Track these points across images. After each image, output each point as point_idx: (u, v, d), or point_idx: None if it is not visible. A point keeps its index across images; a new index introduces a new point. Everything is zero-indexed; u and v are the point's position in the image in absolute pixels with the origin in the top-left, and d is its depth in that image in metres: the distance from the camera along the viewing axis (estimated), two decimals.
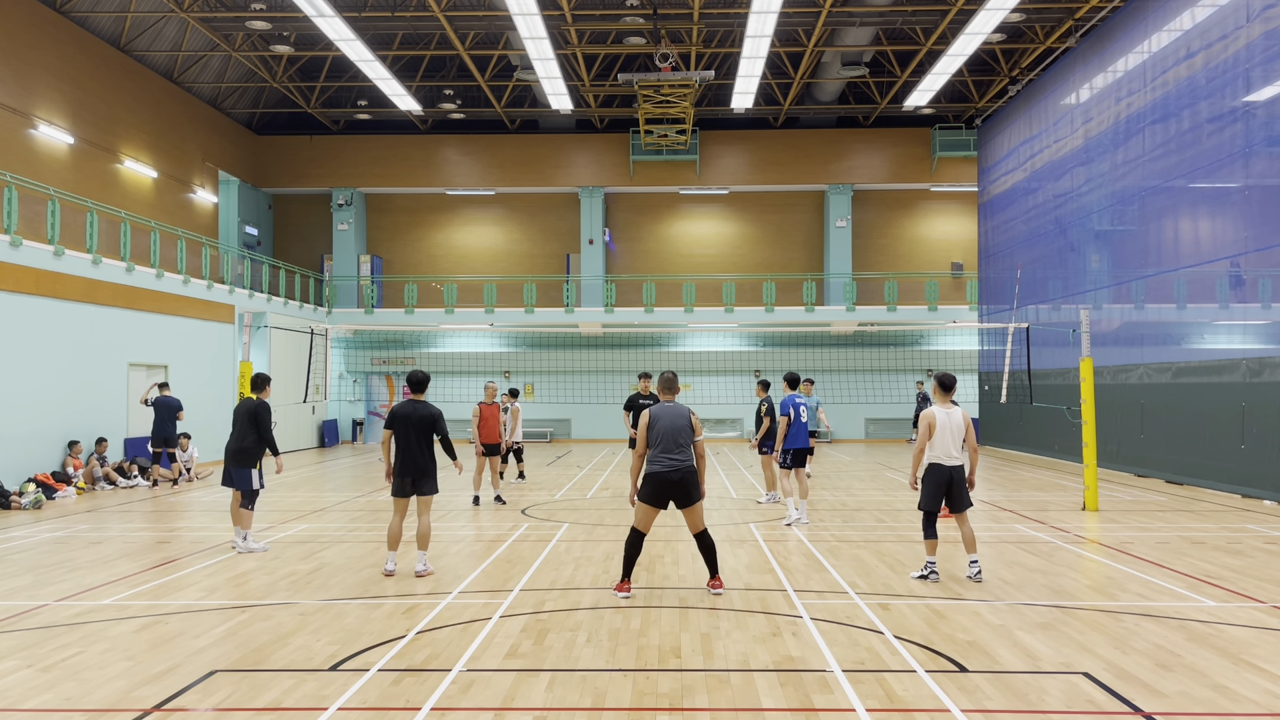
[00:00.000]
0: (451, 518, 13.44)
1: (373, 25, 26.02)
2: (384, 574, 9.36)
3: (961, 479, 9.04)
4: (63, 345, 18.20)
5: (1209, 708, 5.47)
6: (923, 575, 9.06)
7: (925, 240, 35.44)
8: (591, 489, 17.34)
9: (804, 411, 12.76)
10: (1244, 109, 15.74)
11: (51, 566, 9.96)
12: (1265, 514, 13.65)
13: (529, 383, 32.72)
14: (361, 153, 34.93)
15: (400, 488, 9.38)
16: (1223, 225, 16.73)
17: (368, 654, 6.58)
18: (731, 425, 33.86)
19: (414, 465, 9.36)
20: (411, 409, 9.42)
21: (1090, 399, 14.17)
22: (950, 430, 8.98)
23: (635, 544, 8.37)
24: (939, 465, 8.99)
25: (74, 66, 24.02)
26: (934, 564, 9.05)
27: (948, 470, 8.98)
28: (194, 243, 24.11)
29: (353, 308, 33.53)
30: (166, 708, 5.52)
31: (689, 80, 26.51)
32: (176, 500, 16.23)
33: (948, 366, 32.81)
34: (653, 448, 8.32)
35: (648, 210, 35.78)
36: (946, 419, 9.01)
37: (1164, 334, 18.99)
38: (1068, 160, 22.80)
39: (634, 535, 8.37)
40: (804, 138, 34.78)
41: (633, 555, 8.38)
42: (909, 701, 5.54)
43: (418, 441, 9.36)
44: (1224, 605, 7.94)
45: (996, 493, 16.74)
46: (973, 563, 8.97)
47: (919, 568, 9.47)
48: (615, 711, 5.41)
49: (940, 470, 8.99)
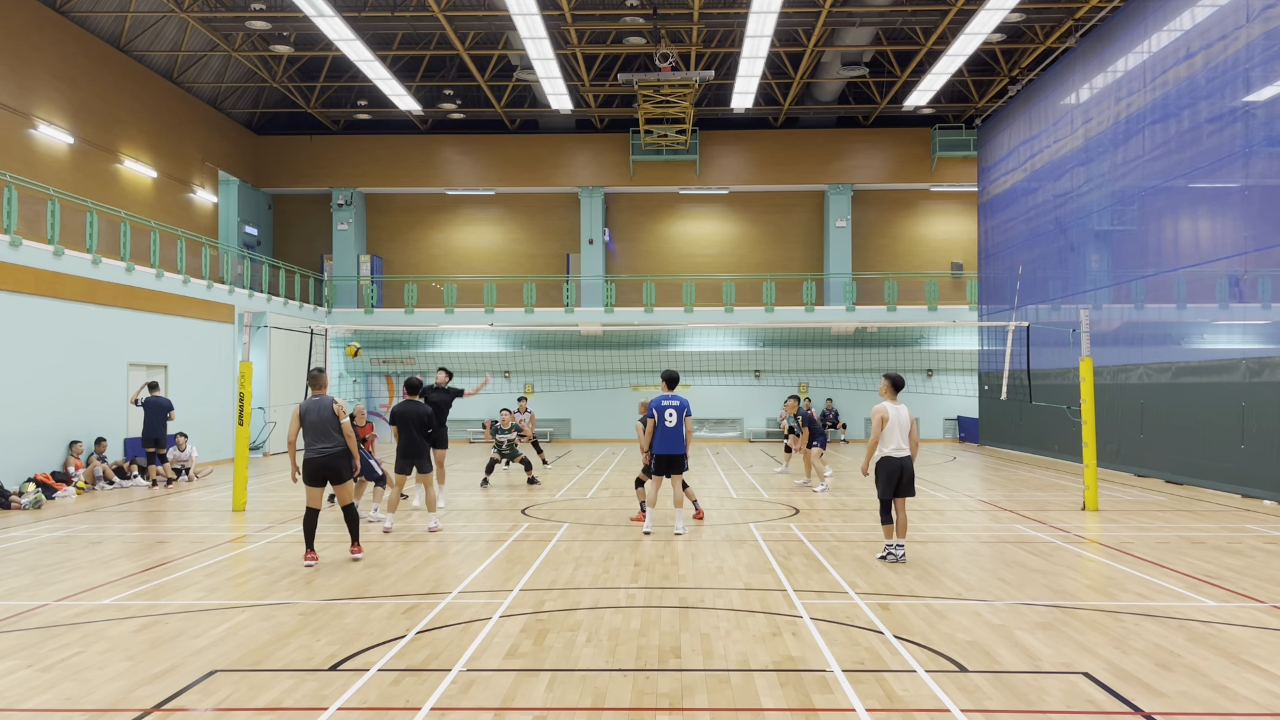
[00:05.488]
0: (452, 518, 13.44)
1: (373, 25, 26.02)
2: (383, 530, 11.82)
3: (910, 469, 9.83)
4: (62, 345, 18.20)
5: (1209, 708, 5.47)
6: (883, 556, 9.94)
7: (925, 240, 35.45)
8: (591, 489, 17.34)
9: (670, 416, 11.64)
10: (1244, 109, 15.74)
11: (51, 566, 9.95)
12: (1265, 514, 13.65)
13: (529, 382, 32.72)
14: (361, 153, 34.93)
15: (403, 468, 12.03)
16: (1223, 225, 16.73)
17: (368, 654, 6.57)
18: (731, 425, 33.86)
19: (415, 451, 11.95)
20: (410, 408, 11.98)
21: (1090, 399, 14.18)
22: (899, 425, 9.79)
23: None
24: (890, 458, 9.79)
25: (74, 66, 24.02)
26: (892, 545, 9.89)
27: (898, 462, 9.77)
28: (194, 243, 24.11)
29: (353, 308, 33.54)
30: (166, 708, 5.52)
31: (689, 80, 26.51)
32: (176, 500, 16.22)
33: (948, 366, 32.83)
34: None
35: (648, 210, 35.79)
36: (896, 415, 9.81)
37: (1164, 334, 18.99)
38: (1068, 160, 22.80)
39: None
40: (804, 138, 34.79)
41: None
42: (909, 701, 5.54)
43: (417, 433, 11.90)
44: (1224, 605, 7.94)
45: (996, 493, 16.73)
46: (899, 545, 9.91)
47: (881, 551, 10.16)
48: (615, 711, 5.41)
49: (891, 462, 9.78)
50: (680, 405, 11.75)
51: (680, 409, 11.73)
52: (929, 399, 31.67)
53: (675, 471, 11.75)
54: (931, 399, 31.74)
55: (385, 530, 11.93)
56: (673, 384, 12.02)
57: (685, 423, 11.77)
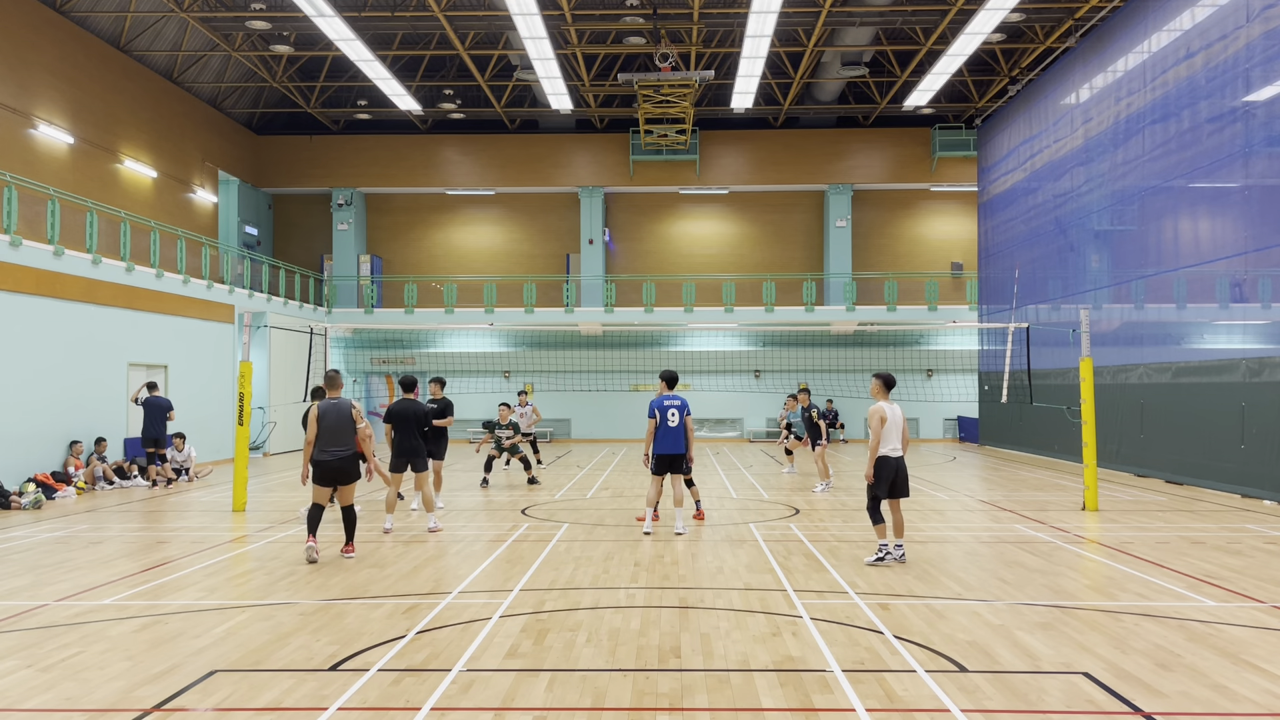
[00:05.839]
0: (451, 518, 13.45)
1: (373, 25, 26.02)
2: (383, 531, 11.79)
3: (905, 469, 9.75)
4: (62, 345, 18.20)
5: (1209, 708, 5.47)
6: (880, 559, 9.67)
7: (925, 240, 35.44)
8: (591, 489, 17.34)
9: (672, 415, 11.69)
10: (1244, 109, 15.74)
11: (51, 566, 9.96)
12: (1265, 514, 13.65)
13: (529, 382, 32.72)
14: (361, 153, 34.93)
15: (398, 466, 12.04)
16: (1223, 225, 16.73)
17: (368, 654, 6.57)
18: (731, 425, 33.86)
19: (410, 449, 12.02)
20: (406, 406, 12.16)
21: (1090, 399, 14.17)
22: (895, 425, 9.67)
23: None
24: (887, 458, 9.64)
25: (74, 66, 24.02)
26: (887, 545, 9.73)
27: (894, 462, 9.65)
28: (194, 243, 24.11)
29: (353, 308, 33.54)
30: (166, 708, 5.52)
31: (689, 80, 26.51)
32: (176, 500, 16.23)
33: (948, 366, 32.84)
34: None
35: (648, 210, 35.79)
36: (892, 414, 9.68)
37: (1164, 334, 18.98)
38: (1067, 160, 22.80)
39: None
40: (804, 138, 34.78)
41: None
42: (909, 701, 5.54)
43: (414, 430, 12.01)
44: (1224, 605, 7.94)
45: (996, 493, 16.74)
46: (899, 545, 9.82)
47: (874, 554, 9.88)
48: (615, 711, 5.41)
49: (889, 462, 9.63)
50: (681, 405, 11.85)
51: (681, 408, 11.82)
52: (929, 399, 31.67)
53: (676, 471, 11.82)
54: (931, 399, 31.75)
55: (385, 530, 11.93)
56: (672, 384, 12.05)
57: (686, 422, 11.83)
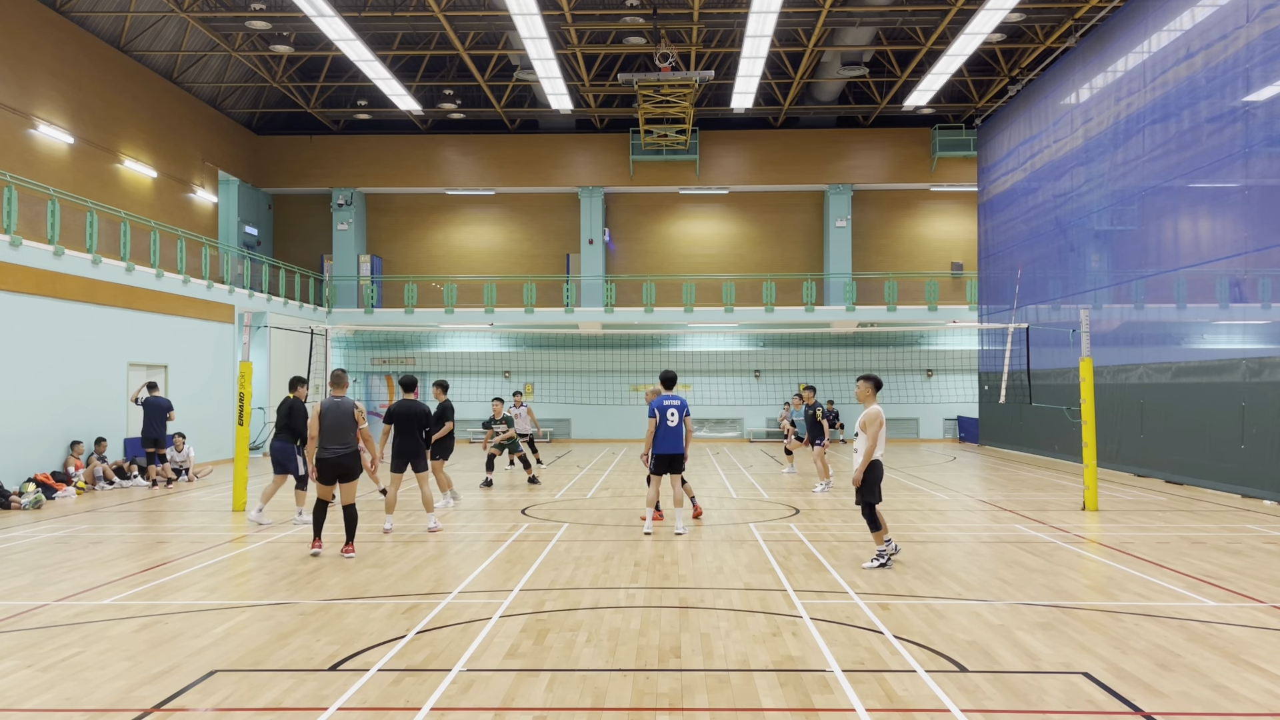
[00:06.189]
0: (452, 518, 13.45)
1: (373, 25, 26.02)
2: (383, 531, 11.81)
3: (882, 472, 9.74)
4: (62, 345, 18.20)
5: (1209, 708, 5.47)
6: (883, 564, 9.53)
7: (925, 240, 35.45)
8: (591, 489, 17.34)
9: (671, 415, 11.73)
10: (1244, 109, 15.74)
11: (51, 566, 9.95)
12: (1265, 514, 13.65)
13: (529, 382, 32.72)
14: (361, 153, 34.93)
15: (398, 466, 11.93)
16: (1223, 225, 16.73)
17: (368, 654, 6.57)
18: (731, 425, 33.86)
19: (410, 450, 11.92)
20: (406, 406, 12.00)
21: (1090, 399, 14.17)
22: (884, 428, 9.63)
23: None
24: (878, 461, 9.54)
25: (74, 66, 24.02)
26: (885, 551, 9.61)
27: (882, 465, 9.61)
28: (194, 242, 24.11)
29: (353, 308, 33.54)
30: (166, 708, 5.52)
31: (689, 80, 26.51)
32: (176, 500, 16.23)
33: (948, 366, 32.84)
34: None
35: (648, 210, 35.79)
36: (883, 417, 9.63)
37: (1164, 334, 18.99)
38: (1068, 160, 22.80)
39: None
40: (804, 138, 34.79)
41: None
42: (909, 701, 5.54)
43: (414, 431, 11.94)
44: (1224, 605, 7.94)
45: (996, 493, 16.74)
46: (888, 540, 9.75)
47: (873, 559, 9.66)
48: (615, 711, 5.41)
49: (879, 465, 9.53)
50: (681, 405, 11.89)
51: (681, 408, 11.86)
52: (929, 399, 31.67)
53: (675, 470, 11.84)
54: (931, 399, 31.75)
55: (385, 530, 11.93)
56: (671, 384, 12.08)
57: (685, 422, 11.86)
